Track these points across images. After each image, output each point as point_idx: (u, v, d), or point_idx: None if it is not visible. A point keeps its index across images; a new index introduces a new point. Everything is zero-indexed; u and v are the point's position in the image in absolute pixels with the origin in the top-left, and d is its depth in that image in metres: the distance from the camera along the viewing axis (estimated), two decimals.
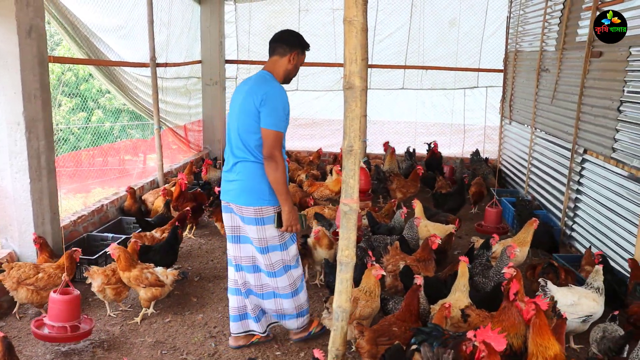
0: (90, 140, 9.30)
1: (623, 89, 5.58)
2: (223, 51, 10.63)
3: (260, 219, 3.93)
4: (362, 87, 3.22)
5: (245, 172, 3.92)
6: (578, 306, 4.32)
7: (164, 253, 5.44)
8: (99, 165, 8.74)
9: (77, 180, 7.96)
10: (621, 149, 5.58)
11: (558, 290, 4.38)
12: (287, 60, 3.99)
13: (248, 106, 3.85)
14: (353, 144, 3.23)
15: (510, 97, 9.72)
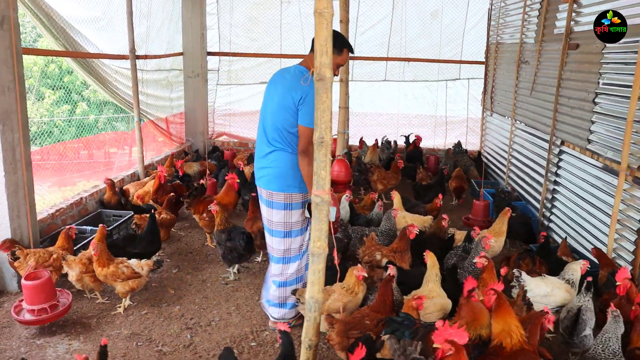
0: (74, 133, 9.23)
1: (598, 81, 5.62)
2: (205, 43, 10.58)
3: (289, 204, 4.20)
4: (332, 79, 3.21)
5: (280, 161, 4.17)
6: (551, 297, 4.38)
7: (148, 241, 5.48)
8: (84, 158, 8.67)
9: (62, 173, 7.89)
10: (596, 141, 5.63)
11: (532, 281, 4.43)
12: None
13: (286, 102, 4.04)
14: (324, 136, 3.23)
15: (492, 89, 9.78)
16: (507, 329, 3.27)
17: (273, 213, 4.24)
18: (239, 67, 11.00)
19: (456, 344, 2.81)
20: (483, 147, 10.44)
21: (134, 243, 5.44)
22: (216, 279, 5.46)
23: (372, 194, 7.15)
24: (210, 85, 11.00)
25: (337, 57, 4.08)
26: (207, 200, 6.24)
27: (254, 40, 10.83)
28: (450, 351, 2.79)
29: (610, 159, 5.31)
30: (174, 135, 10.29)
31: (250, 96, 11.13)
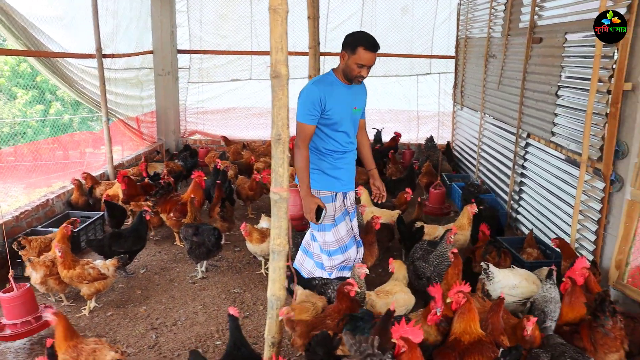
0: (49, 134, 9.09)
1: (560, 74, 5.69)
2: (175, 41, 10.51)
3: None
4: (288, 76, 3.20)
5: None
6: (519, 288, 4.42)
7: (134, 239, 5.49)
8: (60, 158, 8.53)
9: (37, 174, 7.77)
10: (559, 133, 5.71)
11: (500, 272, 4.46)
12: (340, 58, 4.19)
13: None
14: (281, 133, 3.23)
15: (462, 83, 9.85)
16: (468, 331, 3.30)
17: None
18: (210, 64, 10.93)
19: (410, 341, 2.83)
20: (454, 141, 10.52)
21: (119, 242, 5.42)
22: (184, 278, 5.43)
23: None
24: (181, 83, 10.93)
25: (353, 56, 4.06)
26: (173, 200, 6.20)
27: (225, 37, 10.77)
28: (403, 348, 2.81)
29: (572, 151, 5.39)
30: (145, 135, 10.20)
31: (222, 94, 11.08)
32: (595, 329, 3.44)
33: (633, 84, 4.45)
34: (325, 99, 4.10)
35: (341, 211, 4.44)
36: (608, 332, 3.39)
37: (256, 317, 4.68)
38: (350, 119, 4.31)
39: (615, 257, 4.65)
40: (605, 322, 3.40)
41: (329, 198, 4.35)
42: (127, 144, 9.75)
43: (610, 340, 3.39)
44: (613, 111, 4.65)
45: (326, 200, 4.32)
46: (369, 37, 4.08)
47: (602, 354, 3.41)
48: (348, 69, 4.13)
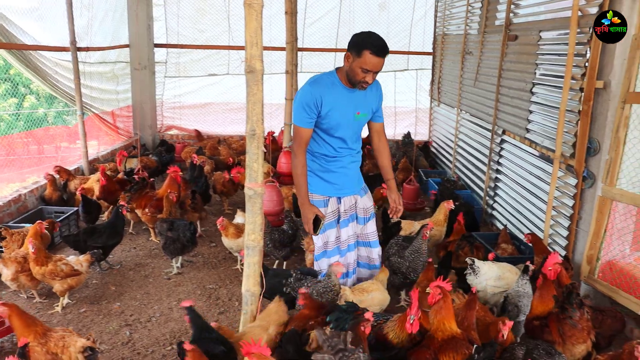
0: (22, 128, 8.93)
1: (535, 71, 5.76)
2: (151, 35, 10.39)
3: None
4: (263, 71, 3.19)
5: None
6: (503, 280, 4.48)
7: (109, 234, 5.43)
8: (34, 153, 8.40)
9: (11, 169, 7.63)
10: (534, 130, 5.78)
11: (485, 264, 4.53)
12: (344, 58, 3.89)
13: None
14: (255, 128, 3.22)
15: (439, 79, 9.91)
16: (441, 328, 3.31)
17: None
18: (187, 59, 10.84)
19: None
20: (431, 137, 10.59)
21: (94, 236, 5.36)
22: (159, 274, 5.39)
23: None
24: (158, 77, 10.81)
25: (357, 60, 3.74)
26: (148, 195, 6.14)
27: (202, 31, 10.69)
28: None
29: (546, 148, 5.45)
30: (121, 129, 10.08)
31: (200, 88, 11.00)
32: (563, 321, 3.49)
33: (604, 82, 4.52)
34: (322, 101, 3.86)
35: (334, 217, 4.26)
36: (575, 324, 3.44)
37: (231, 312, 4.66)
38: (351, 124, 4.05)
39: (587, 253, 4.72)
40: (573, 314, 3.45)
41: (321, 202, 4.19)
42: (103, 139, 9.63)
43: (578, 331, 3.44)
44: (585, 109, 4.72)
45: (318, 204, 4.14)
46: (377, 39, 3.75)
47: (570, 345, 3.46)
48: (352, 72, 3.81)
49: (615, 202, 4.50)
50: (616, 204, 4.52)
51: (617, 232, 4.61)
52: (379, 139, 4.41)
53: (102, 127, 9.47)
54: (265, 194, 5.64)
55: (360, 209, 4.40)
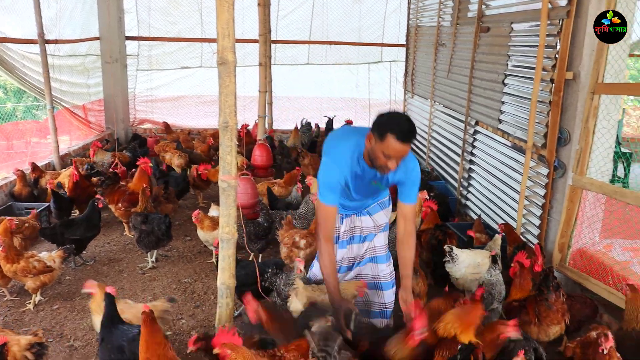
0: None
1: (507, 63, 5.82)
2: (123, 27, 10.26)
3: None
4: (235, 62, 3.17)
5: None
6: (483, 266, 4.54)
7: (87, 226, 5.38)
8: (3, 148, 8.21)
9: None
10: (506, 121, 5.84)
11: (464, 252, 4.60)
12: (366, 139, 3.35)
13: None
14: (228, 120, 3.20)
15: (412, 71, 9.95)
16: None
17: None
18: (160, 52, 10.73)
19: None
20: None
21: (71, 229, 5.29)
22: (133, 269, 5.34)
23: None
24: (130, 71, 10.68)
25: (379, 144, 3.19)
26: (121, 190, 6.06)
27: (174, 24, 10.58)
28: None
29: (518, 138, 5.52)
30: (92, 123, 9.93)
31: (172, 81, 10.91)
32: (540, 303, 3.61)
33: (574, 73, 4.59)
34: (345, 180, 3.49)
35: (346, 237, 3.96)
36: (551, 306, 3.57)
37: (207, 306, 4.64)
38: (366, 191, 3.71)
39: (558, 241, 4.81)
40: (549, 296, 3.58)
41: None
42: (75, 133, 9.48)
43: (553, 313, 3.58)
44: (556, 99, 4.79)
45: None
46: (404, 122, 3.21)
47: (545, 326, 3.60)
48: (373, 154, 3.30)
49: (586, 191, 4.58)
50: (586, 192, 4.60)
51: (587, 221, 4.70)
52: (404, 225, 3.67)
53: (73, 122, 9.32)
54: (239, 186, 5.66)
55: (368, 227, 4.01)
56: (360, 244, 4.04)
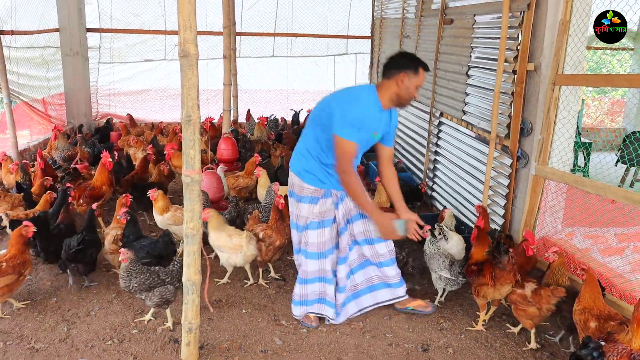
0: None
1: (470, 54, 5.87)
2: (83, 19, 10.03)
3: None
4: (197, 55, 3.12)
5: None
6: (461, 243, 4.84)
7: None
8: None
9: None
10: (470, 112, 5.90)
11: (451, 233, 4.88)
12: (397, 81, 3.79)
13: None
14: (191, 114, 3.15)
15: (378, 63, 9.97)
16: None
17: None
18: (122, 44, 10.54)
19: None
20: None
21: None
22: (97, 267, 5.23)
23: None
24: (91, 63, 10.47)
25: (414, 78, 3.77)
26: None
27: (137, 15, 10.40)
28: None
29: (482, 129, 5.59)
30: (53, 118, 9.70)
31: (136, 74, 10.74)
32: (495, 266, 4.02)
33: (535, 64, 4.67)
34: (364, 121, 3.79)
35: (331, 215, 4.12)
36: (504, 267, 3.98)
37: (174, 303, 4.57)
38: (366, 144, 3.99)
39: (522, 230, 4.88)
40: (502, 260, 3.97)
41: (321, 195, 4.04)
42: (35, 128, 9.25)
43: (506, 274, 3.98)
44: (518, 90, 4.86)
45: (314, 199, 4.04)
46: (419, 58, 3.92)
47: (499, 285, 4.00)
48: (407, 91, 3.81)
49: (548, 180, 4.66)
50: (548, 182, 4.69)
51: (550, 210, 4.79)
52: (388, 165, 4.24)
53: (33, 116, 9.09)
54: (204, 180, 5.60)
55: (343, 213, 4.17)
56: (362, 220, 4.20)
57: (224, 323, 4.30)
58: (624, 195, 3.91)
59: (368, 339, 4.14)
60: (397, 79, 3.78)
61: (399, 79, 3.77)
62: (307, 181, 4.03)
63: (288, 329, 4.24)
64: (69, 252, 4.56)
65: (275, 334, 4.17)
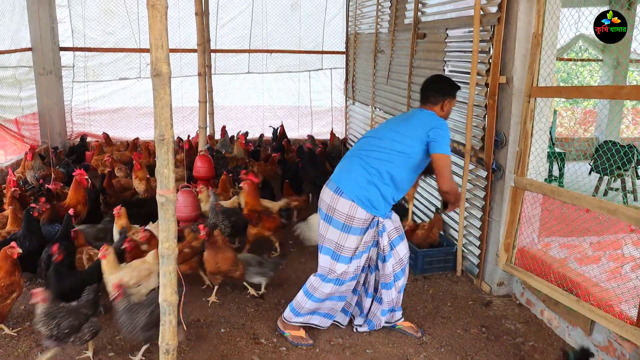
0: None
1: (444, 68, 5.93)
2: (56, 37, 9.92)
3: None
4: (170, 74, 3.10)
5: None
6: None
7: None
8: None
9: None
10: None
11: None
12: (443, 105, 4.13)
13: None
14: (164, 133, 3.12)
15: (353, 78, 10.04)
16: None
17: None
18: (96, 62, 10.45)
19: None
20: (348, 135, 10.72)
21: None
22: None
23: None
24: (65, 82, 10.35)
25: (454, 101, 4.20)
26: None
27: (111, 34, 10.33)
28: None
29: (457, 142, 5.63)
30: (26, 138, 9.55)
31: (111, 93, 10.66)
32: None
33: (507, 77, 4.73)
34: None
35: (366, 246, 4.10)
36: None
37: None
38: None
39: (504, 241, 4.90)
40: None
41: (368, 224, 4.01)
42: (9, 148, 9.10)
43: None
44: (491, 103, 4.92)
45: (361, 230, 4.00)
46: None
47: None
48: (448, 114, 4.19)
49: (527, 191, 4.71)
50: (526, 193, 4.73)
51: (527, 221, 4.83)
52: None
53: (5, 137, 8.94)
54: (179, 199, 5.56)
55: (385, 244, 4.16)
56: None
57: (203, 343, 4.24)
58: (598, 204, 3.95)
59: (348, 355, 4.13)
60: (442, 104, 4.10)
61: (444, 104, 4.11)
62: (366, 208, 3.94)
63: (267, 348, 4.21)
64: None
65: (255, 352, 4.14)
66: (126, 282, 4.23)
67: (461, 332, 4.49)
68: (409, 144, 3.93)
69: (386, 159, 3.93)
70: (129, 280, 4.32)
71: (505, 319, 4.71)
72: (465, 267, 5.60)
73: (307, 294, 4.20)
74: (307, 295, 4.19)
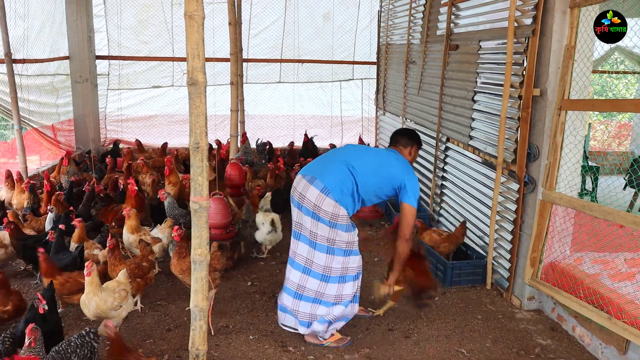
0: None
1: (476, 80, 5.91)
2: (93, 46, 10.19)
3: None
4: (206, 83, 3.16)
5: None
6: None
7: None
8: None
9: None
10: (477, 137, 5.92)
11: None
12: (411, 151, 4.68)
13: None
14: (199, 141, 3.18)
15: (384, 88, 10.04)
16: None
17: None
18: (130, 71, 10.67)
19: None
20: (378, 145, 10.71)
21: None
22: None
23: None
24: (100, 90, 10.60)
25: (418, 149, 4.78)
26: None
27: (145, 43, 10.54)
28: None
29: (488, 154, 5.60)
30: (62, 144, 9.79)
31: (143, 101, 10.87)
32: None
33: (541, 89, 4.68)
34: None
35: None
36: None
37: (182, 329, 4.57)
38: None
39: (530, 255, 4.85)
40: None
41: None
42: (45, 154, 9.34)
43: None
44: (524, 115, 4.87)
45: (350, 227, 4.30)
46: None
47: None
48: (414, 160, 4.76)
49: (555, 205, 4.65)
50: (556, 207, 4.67)
51: (558, 235, 4.76)
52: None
53: (42, 142, 9.18)
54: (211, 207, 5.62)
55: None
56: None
57: (232, 350, 4.28)
58: (632, 220, 3.88)
59: None
60: (410, 148, 4.64)
61: (412, 149, 4.65)
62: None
63: (295, 356, 4.22)
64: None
65: None
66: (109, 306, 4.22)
67: (490, 345, 4.43)
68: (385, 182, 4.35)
69: (362, 183, 4.27)
70: (112, 302, 4.25)
71: (536, 334, 4.64)
72: (495, 280, 5.54)
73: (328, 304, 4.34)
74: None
